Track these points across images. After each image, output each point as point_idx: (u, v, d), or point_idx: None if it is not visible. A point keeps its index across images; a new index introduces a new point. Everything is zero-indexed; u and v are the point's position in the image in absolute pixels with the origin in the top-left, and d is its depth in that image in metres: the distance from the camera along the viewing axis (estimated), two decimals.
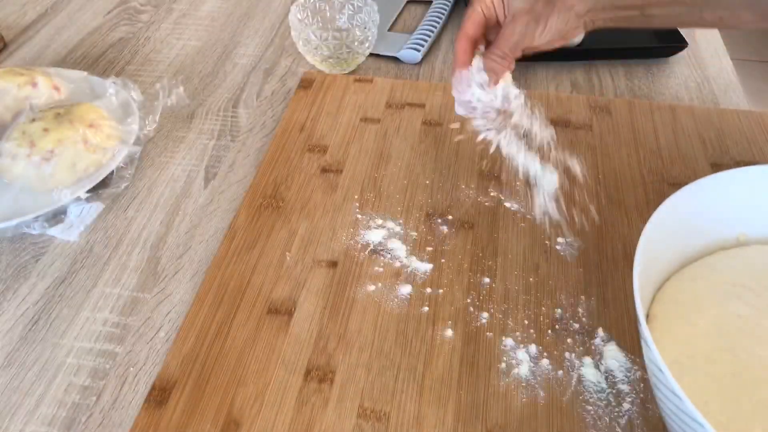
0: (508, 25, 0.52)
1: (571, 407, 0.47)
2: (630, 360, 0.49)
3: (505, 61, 0.53)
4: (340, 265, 0.57)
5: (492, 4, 0.53)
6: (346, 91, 0.75)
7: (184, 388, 0.48)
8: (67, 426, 0.48)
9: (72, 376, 0.50)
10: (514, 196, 0.62)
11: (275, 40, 0.88)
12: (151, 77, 0.81)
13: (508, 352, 0.50)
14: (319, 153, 0.67)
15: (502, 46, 0.52)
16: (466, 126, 0.58)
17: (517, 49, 0.53)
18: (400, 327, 0.52)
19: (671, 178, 0.64)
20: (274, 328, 0.52)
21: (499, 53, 0.53)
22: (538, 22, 0.51)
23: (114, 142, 0.66)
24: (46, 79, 0.70)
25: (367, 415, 0.46)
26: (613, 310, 0.53)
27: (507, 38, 0.52)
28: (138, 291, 0.56)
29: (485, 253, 0.57)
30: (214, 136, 0.73)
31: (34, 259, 0.59)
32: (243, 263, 0.57)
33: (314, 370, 0.49)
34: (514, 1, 0.52)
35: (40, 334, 0.53)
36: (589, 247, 0.57)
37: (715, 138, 0.68)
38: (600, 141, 0.68)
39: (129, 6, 0.96)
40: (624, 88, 0.78)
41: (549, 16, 0.51)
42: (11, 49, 0.87)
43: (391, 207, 0.62)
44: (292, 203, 0.62)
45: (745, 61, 2.24)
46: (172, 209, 0.64)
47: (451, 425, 0.46)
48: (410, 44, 0.82)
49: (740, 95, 0.77)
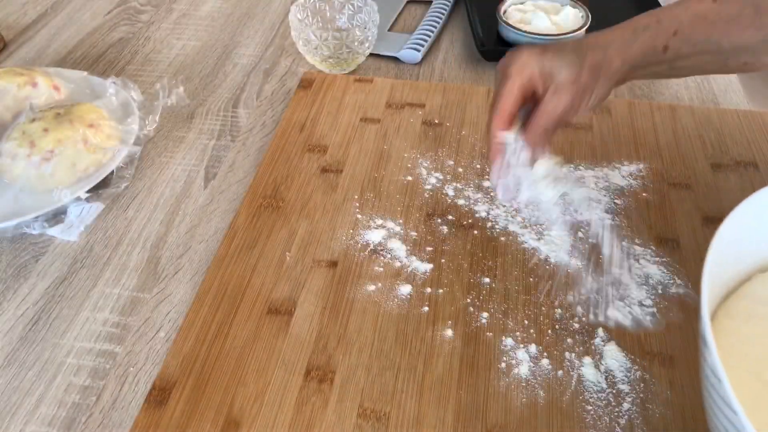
0: (551, 98, 0.48)
1: (571, 407, 0.47)
2: (630, 360, 0.49)
3: (547, 138, 0.49)
4: (340, 265, 0.56)
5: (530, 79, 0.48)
6: (346, 91, 0.75)
7: (184, 388, 0.48)
8: (67, 426, 0.48)
9: (72, 376, 0.50)
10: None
11: (275, 40, 0.88)
12: (151, 77, 0.81)
13: (508, 352, 0.50)
14: (319, 153, 0.67)
15: (544, 122, 0.48)
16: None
17: (559, 124, 0.49)
18: (400, 327, 0.52)
19: (671, 178, 0.64)
20: (274, 328, 0.52)
21: (540, 130, 0.48)
22: (582, 94, 0.48)
23: (114, 142, 0.66)
24: (46, 79, 0.70)
25: (367, 415, 0.46)
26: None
27: (549, 113, 0.48)
28: (138, 291, 0.56)
29: (485, 253, 0.57)
30: (214, 136, 0.73)
31: (34, 259, 0.59)
32: (243, 263, 0.57)
33: (314, 370, 0.49)
34: (560, 73, 0.47)
35: (40, 334, 0.53)
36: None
37: (715, 138, 0.68)
38: (600, 141, 0.68)
39: (129, 6, 0.96)
40: (624, 88, 0.78)
41: (594, 85, 0.48)
42: (11, 49, 0.87)
43: (391, 207, 0.62)
44: (292, 203, 0.62)
45: None
46: (172, 209, 0.64)
47: (451, 425, 0.46)
48: (410, 44, 0.82)
49: (740, 95, 0.77)
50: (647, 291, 0.54)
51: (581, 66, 0.48)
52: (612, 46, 0.49)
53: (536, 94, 0.49)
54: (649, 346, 0.50)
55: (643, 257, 0.56)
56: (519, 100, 0.49)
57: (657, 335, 0.51)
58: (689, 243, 0.58)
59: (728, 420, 0.33)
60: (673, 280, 0.55)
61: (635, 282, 0.54)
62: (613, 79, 0.50)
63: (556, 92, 0.48)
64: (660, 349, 0.50)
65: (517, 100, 0.49)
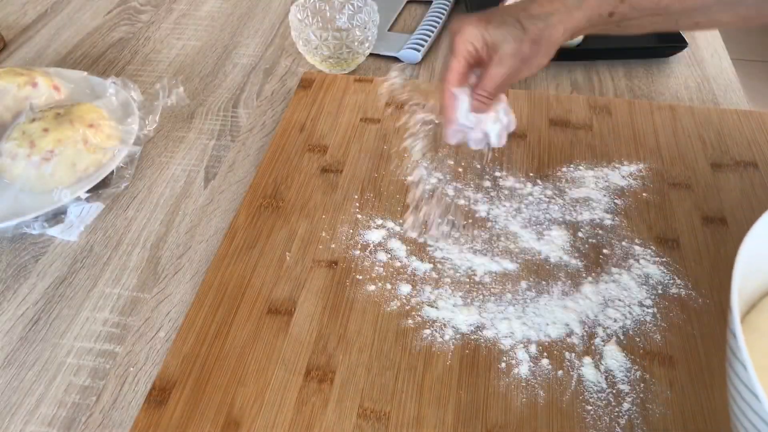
0: (494, 67, 0.51)
1: (571, 407, 0.47)
2: (630, 360, 0.49)
3: (492, 100, 0.53)
4: (340, 265, 0.56)
5: (475, 49, 0.51)
6: (346, 91, 0.75)
7: (184, 388, 0.48)
8: (67, 426, 0.48)
9: (72, 376, 0.50)
10: (509, 199, 0.62)
11: (275, 40, 0.88)
12: (151, 77, 0.81)
13: (507, 352, 0.50)
14: (319, 153, 0.67)
15: (488, 87, 0.52)
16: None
17: (503, 89, 0.53)
18: (401, 327, 0.52)
19: (671, 178, 0.64)
20: (274, 328, 0.52)
21: (485, 94, 0.53)
22: (524, 63, 0.51)
23: (114, 142, 0.66)
24: (46, 79, 0.70)
25: (367, 415, 0.46)
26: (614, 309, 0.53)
27: (493, 79, 0.52)
28: (138, 291, 0.56)
29: (485, 252, 0.57)
30: (214, 136, 0.73)
31: (34, 259, 0.59)
32: (243, 263, 0.57)
33: (314, 370, 0.49)
34: (502, 45, 0.50)
35: (40, 334, 0.53)
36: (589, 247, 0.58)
37: (715, 138, 0.68)
38: (600, 141, 0.68)
39: (129, 6, 0.96)
40: (624, 88, 0.78)
41: (535, 55, 0.51)
42: (11, 49, 0.87)
43: (391, 207, 0.62)
44: (292, 203, 0.62)
45: (745, 61, 2.24)
46: (172, 209, 0.64)
47: (451, 425, 0.46)
48: (410, 44, 0.82)
49: (740, 95, 0.77)
50: (647, 291, 0.54)
51: (522, 39, 0.50)
52: (555, 15, 0.50)
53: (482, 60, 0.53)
54: (649, 346, 0.50)
55: (643, 257, 0.56)
56: (466, 67, 0.53)
57: (657, 335, 0.51)
58: (689, 243, 0.58)
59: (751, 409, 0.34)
60: (673, 280, 0.55)
61: (635, 282, 0.54)
62: (556, 45, 0.51)
63: (499, 62, 0.51)
64: (660, 349, 0.50)
65: (464, 68, 0.53)
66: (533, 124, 0.70)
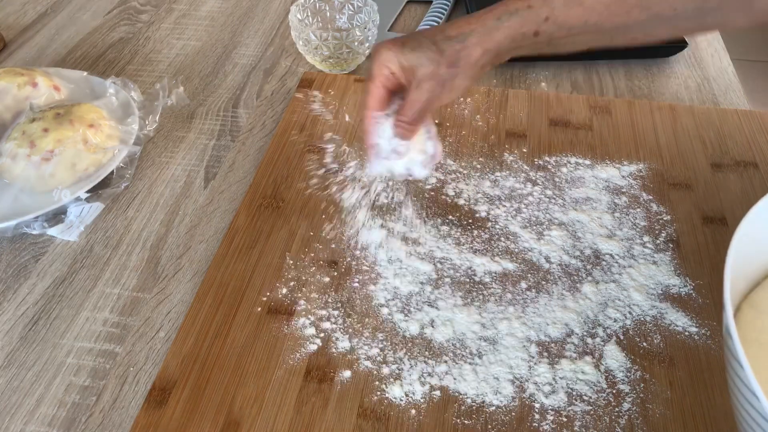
0: (413, 92, 0.50)
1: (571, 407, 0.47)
2: (630, 360, 0.49)
3: (415, 127, 0.52)
4: (340, 265, 0.56)
5: (392, 73, 0.50)
6: (346, 91, 0.75)
7: (184, 388, 0.48)
8: (67, 426, 0.48)
9: (72, 376, 0.50)
10: (509, 199, 0.62)
11: (275, 40, 0.88)
12: (151, 77, 0.81)
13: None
14: (319, 153, 0.67)
15: (408, 113, 0.51)
16: None
17: (424, 114, 0.51)
18: (401, 327, 0.52)
19: (671, 178, 0.64)
20: (274, 328, 0.52)
21: (407, 120, 0.51)
22: (443, 86, 0.49)
23: (114, 142, 0.66)
24: (46, 79, 0.70)
25: (367, 415, 0.46)
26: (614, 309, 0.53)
27: (413, 105, 0.50)
28: (138, 291, 0.56)
29: (485, 252, 0.57)
30: (214, 136, 0.73)
31: (34, 259, 0.59)
32: (243, 263, 0.57)
33: (314, 370, 0.49)
34: (418, 68, 0.49)
35: (40, 334, 0.53)
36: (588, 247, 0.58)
37: (715, 138, 0.68)
38: (600, 141, 0.68)
39: (129, 6, 0.96)
40: (624, 88, 0.78)
41: (454, 78, 0.49)
42: (11, 49, 0.87)
43: (391, 207, 0.62)
44: (292, 203, 0.62)
45: (745, 61, 2.24)
46: (172, 209, 0.64)
47: (451, 425, 0.46)
48: None
49: (740, 95, 0.77)
50: (647, 291, 0.54)
51: (439, 61, 0.49)
52: (472, 36, 0.48)
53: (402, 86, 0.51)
54: (650, 346, 0.50)
55: (643, 257, 0.56)
56: (384, 91, 0.51)
57: (657, 335, 0.51)
58: (689, 243, 0.58)
59: (751, 405, 0.34)
60: (673, 279, 0.55)
61: (635, 282, 0.54)
62: (476, 66, 0.49)
63: (417, 87, 0.49)
64: (660, 349, 0.50)
65: (382, 92, 0.51)
66: (533, 124, 0.70)
